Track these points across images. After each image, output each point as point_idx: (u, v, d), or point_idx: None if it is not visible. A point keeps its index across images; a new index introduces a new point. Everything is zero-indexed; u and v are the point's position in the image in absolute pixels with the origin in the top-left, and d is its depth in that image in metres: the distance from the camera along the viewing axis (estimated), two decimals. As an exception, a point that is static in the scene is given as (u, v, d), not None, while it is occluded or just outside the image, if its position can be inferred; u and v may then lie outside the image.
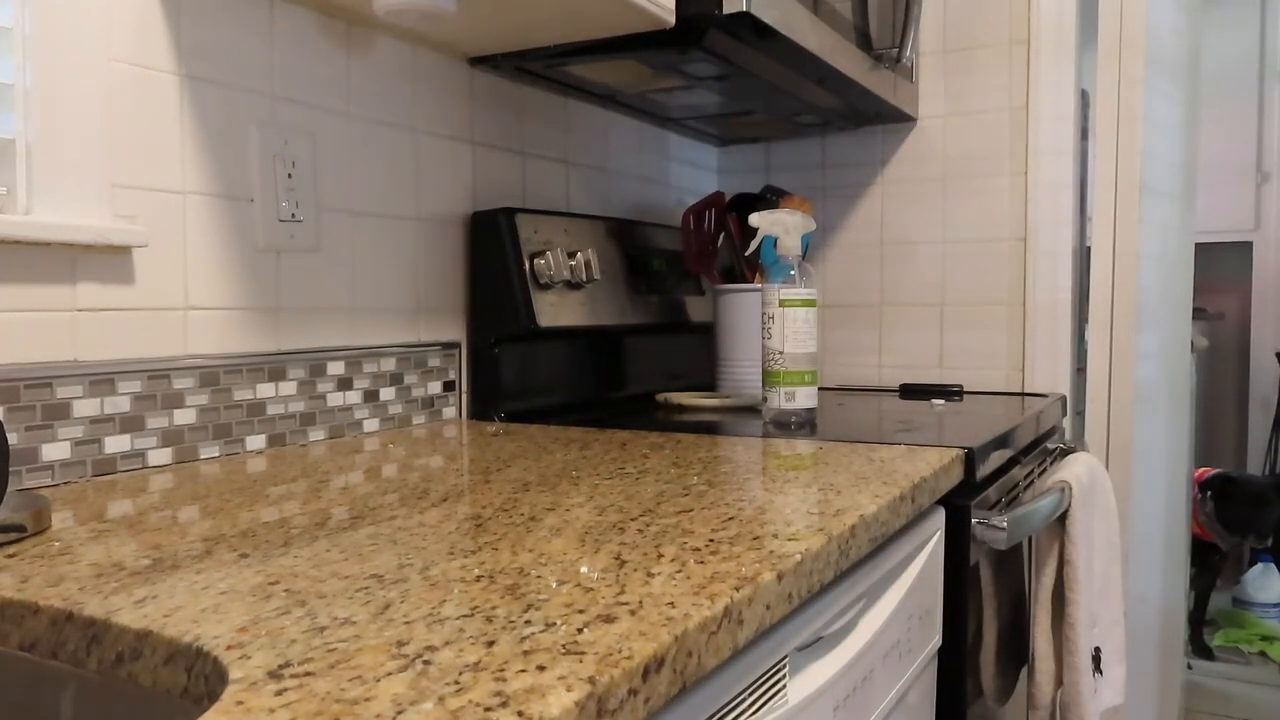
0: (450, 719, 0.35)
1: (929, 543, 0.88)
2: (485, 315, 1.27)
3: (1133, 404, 1.65)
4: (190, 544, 0.60)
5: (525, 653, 0.41)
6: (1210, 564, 2.76)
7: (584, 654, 0.41)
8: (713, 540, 0.60)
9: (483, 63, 1.28)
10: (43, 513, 0.65)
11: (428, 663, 0.40)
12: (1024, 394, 1.58)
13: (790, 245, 1.17)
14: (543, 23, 1.13)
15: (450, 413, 1.25)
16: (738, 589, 0.50)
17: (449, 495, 0.75)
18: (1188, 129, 1.88)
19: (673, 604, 0.47)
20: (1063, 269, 1.62)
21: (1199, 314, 2.69)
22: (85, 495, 0.77)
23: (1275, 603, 2.91)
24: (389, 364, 1.16)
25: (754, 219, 1.21)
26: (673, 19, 1.09)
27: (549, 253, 1.26)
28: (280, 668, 0.40)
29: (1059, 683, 1.19)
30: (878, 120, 1.69)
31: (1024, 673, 1.19)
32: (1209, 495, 2.68)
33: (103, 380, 0.85)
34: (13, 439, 0.79)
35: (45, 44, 0.81)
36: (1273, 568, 2.95)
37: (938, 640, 0.91)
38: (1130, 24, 1.71)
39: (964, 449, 0.95)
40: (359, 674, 0.39)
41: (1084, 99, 1.75)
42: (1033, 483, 1.23)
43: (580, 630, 0.44)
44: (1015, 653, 1.15)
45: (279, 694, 0.37)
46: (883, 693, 0.75)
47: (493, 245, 1.25)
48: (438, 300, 1.24)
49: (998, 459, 1.06)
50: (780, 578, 0.54)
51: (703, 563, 0.55)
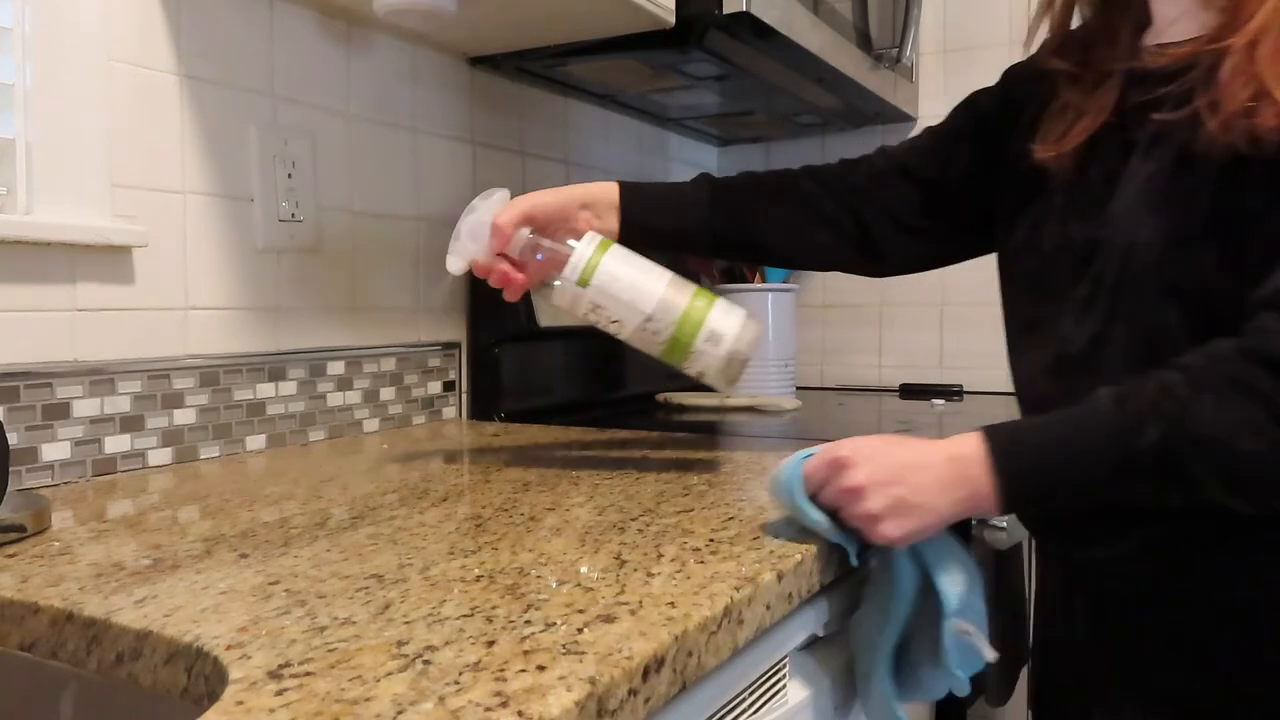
0: (450, 719, 0.35)
1: (929, 543, 0.88)
2: (485, 315, 1.27)
3: (1133, 404, 1.64)
4: (190, 544, 0.60)
5: (525, 653, 0.41)
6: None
7: (584, 654, 0.41)
8: (713, 540, 0.60)
9: (483, 63, 1.28)
10: (43, 513, 0.65)
11: (428, 663, 0.40)
12: (1024, 394, 1.58)
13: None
14: (543, 23, 1.13)
15: (450, 413, 1.25)
16: (738, 589, 0.50)
17: (449, 495, 0.75)
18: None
19: (673, 604, 0.47)
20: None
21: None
22: (85, 495, 0.77)
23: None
24: (389, 364, 1.16)
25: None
26: (673, 19, 1.09)
27: (549, 253, 1.26)
28: (280, 668, 0.40)
29: (1059, 683, 1.18)
30: (878, 120, 1.69)
31: (1024, 673, 1.19)
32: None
33: (103, 380, 0.85)
34: (13, 439, 0.79)
35: (45, 44, 0.81)
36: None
37: (938, 640, 0.91)
38: (1130, 24, 1.71)
39: (964, 449, 0.95)
40: (359, 674, 0.39)
41: (1084, 99, 1.74)
42: (1033, 483, 1.23)
43: (580, 630, 0.44)
44: (1015, 653, 1.15)
45: (279, 694, 0.37)
46: (883, 693, 0.75)
47: (493, 245, 1.25)
48: (438, 300, 1.24)
49: (998, 459, 1.06)
50: (780, 578, 0.54)
51: (703, 563, 0.55)
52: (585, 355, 1.40)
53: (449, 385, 1.25)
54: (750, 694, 0.56)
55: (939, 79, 1.69)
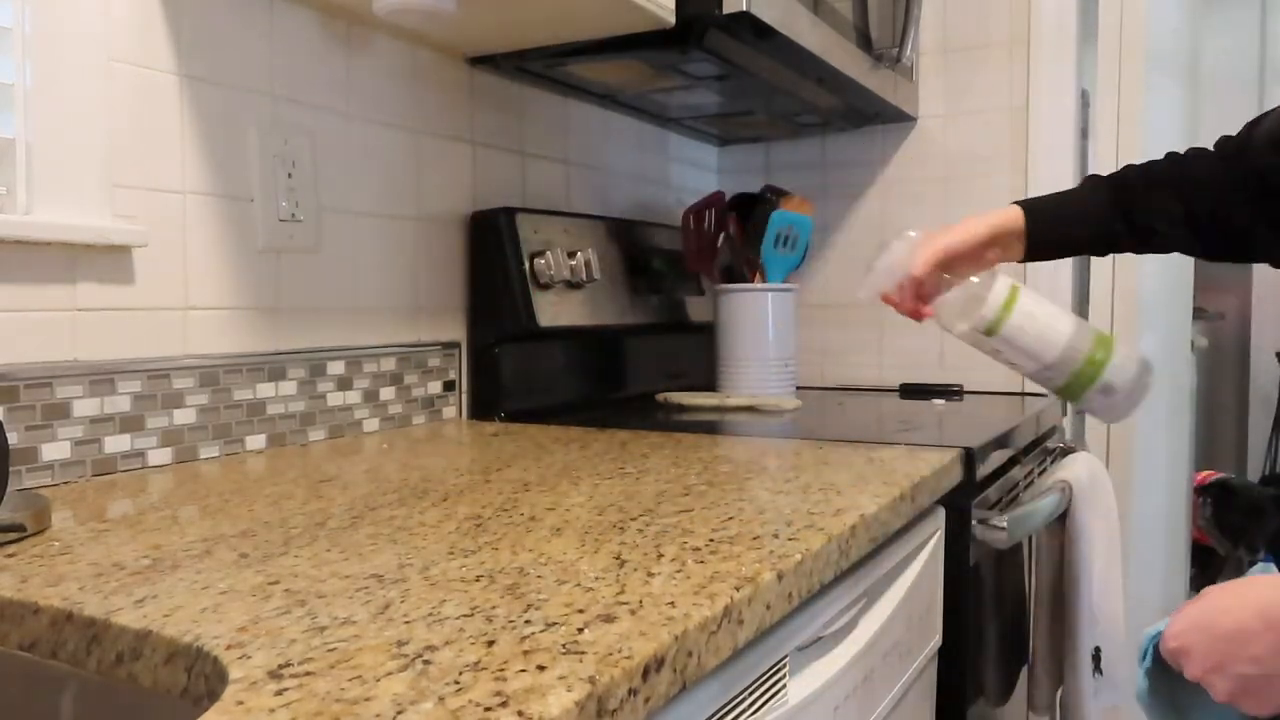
0: (450, 719, 0.35)
1: (929, 542, 0.88)
2: (485, 315, 1.27)
3: (1133, 404, 1.65)
4: (190, 544, 0.60)
5: (525, 652, 0.41)
6: (1210, 565, 2.76)
7: (584, 654, 0.41)
8: (713, 540, 0.60)
9: (483, 63, 1.28)
10: (43, 512, 0.65)
11: (428, 662, 0.40)
12: (1024, 394, 1.58)
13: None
14: (543, 23, 1.13)
15: (450, 413, 1.25)
16: (738, 589, 0.50)
17: (449, 495, 0.75)
18: (1188, 129, 1.88)
19: (673, 604, 0.47)
20: (1063, 269, 1.62)
21: (1199, 314, 2.68)
22: (85, 495, 0.77)
23: (1275, 603, 2.90)
24: (389, 364, 1.16)
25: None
26: (673, 19, 1.09)
27: (549, 252, 1.26)
28: (280, 667, 0.40)
29: (1059, 683, 1.19)
30: (878, 120, 1.69)
31: (1024, 673, 1.19)
32: (1207, 500, 2.67)
33: (103, 380, 0.85)
34: (13, 439, 0.79)
35: (45, 44, 0.81)
36: (1273, 568, 2.94)
37: (938, 640, 0.91)
38: (1130, 24, 1.71)
39: (964, 449, 0.95)
40: (359, 674, 0.39)
41: (1084, 99, 1.75)
42: (1033, 482, 1.23)
43: (580, 630, 0.44)
44: (1015, 653, 1.15)
45: (279, 694, 0.37)
46: (883, 693, 0.75)
47: (493, 245, 1.25)
48: (438, 300, 1.24)
49: (998, 459, 1.06)
50: (780, 577, 0.54)
51: (703, 562, 0.55)
52: (585, 355, 1.40)
53: (449, 385, 1.25)
54: (750, 694, 0.56)
55: (939, 79, 1.69)
